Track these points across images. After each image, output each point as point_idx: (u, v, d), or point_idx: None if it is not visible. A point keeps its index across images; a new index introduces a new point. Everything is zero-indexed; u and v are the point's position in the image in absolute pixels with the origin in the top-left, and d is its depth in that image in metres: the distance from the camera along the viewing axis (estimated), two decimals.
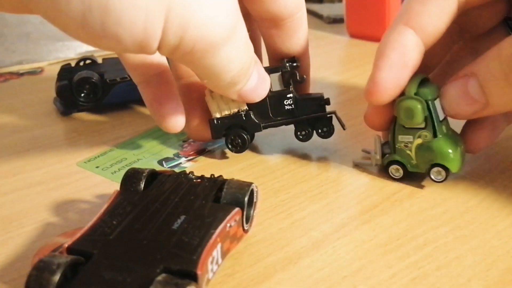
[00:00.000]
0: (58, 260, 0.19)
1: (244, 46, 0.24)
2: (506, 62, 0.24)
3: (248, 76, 0.27)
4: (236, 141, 0.32)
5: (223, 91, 0.27)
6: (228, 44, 0.23)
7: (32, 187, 0.30)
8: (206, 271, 0.20)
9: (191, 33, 0.21)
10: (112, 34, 0.19)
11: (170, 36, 0.20)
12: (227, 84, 0.26)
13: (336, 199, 0.28)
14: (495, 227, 0.26)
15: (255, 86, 0.28)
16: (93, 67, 0.42)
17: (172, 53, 0.22)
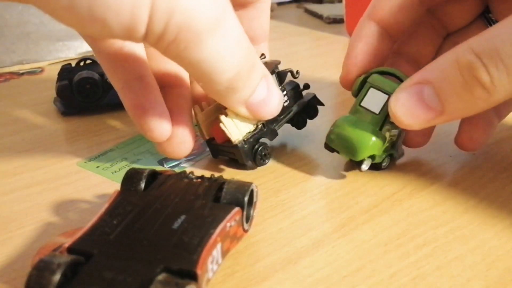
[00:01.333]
0: (58, 260, 0.19)
1: (238, 44, 0.24)
2: (465, 69, 0.23)
3: (250, 83, 0.25)
4: (263, 153, 0.31)
5: (223, 98, 0.26)
6: (214, 36, 0.22)
7: (32, 187, 0.30)
8: (206, 271, 0.20)
9: (176, 19, 0.21)
10: (99, 18, 0.19)
11: (155, 21, 0.20)
12: (225, 89, 0.24)
13: (336, 199, 0.28)
14: (495, 227, 0.26)
15: (263, 99, 0.27)
16: (93, 67, 0.42)
17: (157, 41, 0.21)
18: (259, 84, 0.26)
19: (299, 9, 0.82)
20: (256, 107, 0.27)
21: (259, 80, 0.26)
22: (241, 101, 0.26)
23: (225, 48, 0.23)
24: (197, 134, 0.32)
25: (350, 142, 0.29)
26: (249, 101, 0.26)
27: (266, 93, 0.27)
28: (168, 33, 0.21)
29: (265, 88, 0.26)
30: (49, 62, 0.55)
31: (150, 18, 0.20)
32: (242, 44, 0.24)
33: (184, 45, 0.22)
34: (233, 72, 0.24)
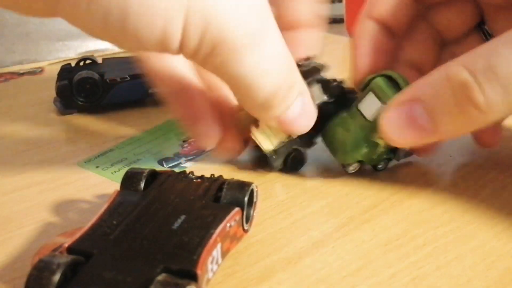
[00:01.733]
0: (58, 260, 0.19)
1: (279, 61, 0.23)
2: (458, 88, 0.22)
3: (287, 102, 0.25)
4: (296, 159, 0.30)
5: (257, 113, 0.25)
6: (254, 51, 0.21)
7: (32, 186, 0.30)
8: (206, 271, 0.20)
9: (211, 33, 0.20)
10: (132, 34, 0.20)
11: (190, 36, 0.20)
12: (260, 105, 0.24)
13: (336, 199, 0.28)
14: (495, 228, 0.26)
15: (296, 117, 0.26)
16: (93, 67, 0.42)
17: (194, 55, 0.21)
18: (294, 101, 0.25)
19: None
20: (288, 124, 0.26)
21: (295, 97, 0.25)
22: (274, 117, 0.25)
23: (264, 65, 0.22)
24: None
25: (337, 144, 0.29)
26: (281, 117, 0.25)
27: (300, 111, 0.26)
28: (204, 47, 0.20)
29: (300, 106, 0.26)
30: (49, 62, 0.55)
31: (184, 34, 0.20)
32: (283, 61, 0.23)
33: (221, 60, 0.21)
34: (271, 89, 0.23)
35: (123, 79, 0.40)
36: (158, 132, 0.37)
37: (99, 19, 0.19)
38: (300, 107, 0.26)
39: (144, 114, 0.40)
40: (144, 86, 0.41)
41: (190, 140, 0.36)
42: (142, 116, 0.40)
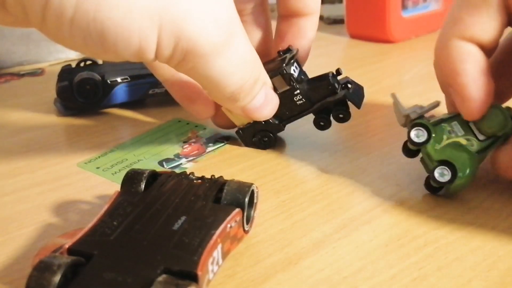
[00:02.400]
0: (58, 261, 0.19)
1: (243, 63, 0.26)
2: None
3: (251, 95, 0.28)
4: (263, 140, 0.34)
5: (225, 104, 0.29)
6: (220, 57, 0.24)
7: (32, 188, 0.30)
8: (207, 272, 0.20)
9: (182, 44, 0.23)
10: (111, 50, 0.22)
11: (163, 48, 0.23)
12: (227, 99, 0.27)
13: (336, 199, 0.28)
14: (496, 228, 0.26)
15: (260, 106, 0.29)
16: (93, 68, 0.42)
17: (167, 62, 0.24)
18: (259, 92, 0.28)
19: None
20: (252, 112, 0.29)
21: (259, 90, 0.28)
22: (240, 107, 0.28)
23: (230, 67, 0.25)
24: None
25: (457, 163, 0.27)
26: (246, 107, 0.29)
27: (263, 101, 0.29)
28: (176, 56, 0.23)
29: (263, 96, 0.29)
30: (50, 63, 0.55)
31: (158, 46, 0.23)
32: (247, 62, 0.26)
33: (192, 65, 0.24)
34: (236, 86, 0.26)
35: (124, 80, 0.40)
36: (158, 133, 0.37)
37: (80, 40, 0.22)
38: (263, 97, 0.29)
39: (145, 115, 0.40)
40: (145, 87, 0.41)
41: (191, 141, 0.36)
42: (142, 117, 0.40)
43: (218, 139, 0.36)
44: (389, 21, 0.59)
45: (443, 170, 0.27)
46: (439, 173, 0.27)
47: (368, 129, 0.37)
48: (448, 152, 0.27)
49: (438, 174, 0.27)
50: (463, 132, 0.28)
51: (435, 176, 0.27)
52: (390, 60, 0.55)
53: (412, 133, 0.28)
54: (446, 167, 0.27)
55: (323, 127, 0.34)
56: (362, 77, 0.48)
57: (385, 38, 0.60)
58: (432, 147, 0.27)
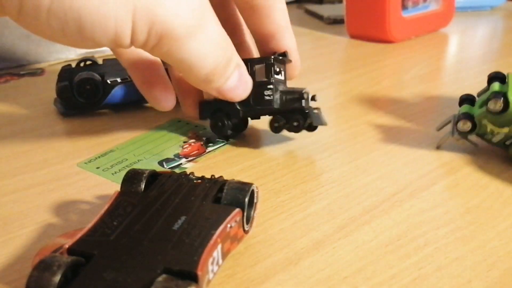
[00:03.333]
0: (58, 260, 0.19)
1: (216, 45, 0.26)
2: None
3: (225, 76, 0.28)
4: (218, 123, 0.35)
5: (199, 86, 0.29)
6: (193, 39, 0.25)
7: (32, 187, 0.30)
8: (207, 272, 0.20)
9: (156, 29, 0.23)
10: (89, 38, 0.23)
11: (138, 34, 0.23)
12: (202, 81, 0.28)
13: (336, 199, 0.28)
14: (496, 228, 0.26)
15: (233, 87, 0.29)
16: (93, 68, 0.42)
17: (143, 46, 0.24)
18: (232, 74, 0.29)
19: (300, 10, 0.82)
20: (226, 92, 0.29)
21: (232, 71, 0.29)
22: (215, 89, 0.29)
23: (203, 49, 0.26)
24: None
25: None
26: (220, 88, 0.29)
27: (237, 82, 0.29)
28: (151, 40, 0.24)
29: (237, 77, 0.29)
30: (50, 63, 0.55)
31: (133, 32, 0.23)
32: (220, 44, 0.27)
33: (166, 49, 0.25)
34: (210, 68, 0.27)
35: (124, 80, 0.40)
36: (158, 133, 0.37)
37: (58, 30, 0.22)
38: (236, 78, 0.29)
39: (145, 115, 0.40)
40: None
41: (191, 141, 0.36)
42: (142, 117, 0.40)
43: (218, 139, 0.36)
44: (389, 21, 0.59)
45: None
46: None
47: (368, 129, 0.37)
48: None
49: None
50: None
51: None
52: (390, 60, 0.55)
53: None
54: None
55: (276, 131, 0.34)
56: (362, 77, 0.48)
57: (385, 38, 0.60)
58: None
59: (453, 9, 0.66)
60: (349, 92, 0.45)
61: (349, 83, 0.48)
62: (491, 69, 0.36)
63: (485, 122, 0.31)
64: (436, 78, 0.49)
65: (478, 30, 0.70)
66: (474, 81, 0.47)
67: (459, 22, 0.69)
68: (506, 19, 0.75)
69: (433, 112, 0.40)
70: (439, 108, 0.41)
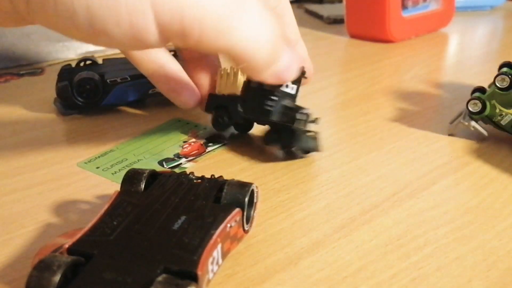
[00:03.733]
0: (58, 260, 0.19)
1: (263, 19, 0.23)
2: None
3: (281, 54, 0.26)
4: (218, 119, 0.35)
5: (261, 74, 0.26)
6: (240, 17, 0.22)
7: (32, 187, 0.30)
8: (207, 272, 0.20)
9: (189, 14, 0.20)
10: (102, 33, 0.20)
11: (167, 24, 0.20)
12: (264, 65, 0.25)
13: (336, 199, 0.28)
14: (496, 228, 0.26)
15: (288, 65, 0.26)
16: (93, 67, 0.42)
17: (184, 40, 0.21)
18: (285, 51, 0.26)
19: (300, 10, 0.82)
20: (281, 74, 0.26)
21: (284, 48, 0.26)
22: (273, 72, 0.26)
23: (255, 25, 0.23)
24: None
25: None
26: (277, 70, 0.26)
27: (290, 58, 0.26)
28: (189, 30, 0.21)
29: (289, 52, 0.26)
30: (49, 63, 0.55)
31: (159, 23, 0.20)
32: (269, 17, 0.24)
33: (214, 35, 0.21)
34: (270, 47, 0.24)
35: (124, 80, 0.40)
36: (158, 132, 0.37)
37: (68, 20, 0.20)
38: (289, 56, 0.26)
39: (144, 115, 0.40)
40: (145, 87, 0.41)
41: (191, 141, 0.36)
42: (142, 117, 0.40)
43: (218, 139, 0.36)
44: (389, 21, 0.59)
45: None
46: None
47: (368, 129, 0.37)
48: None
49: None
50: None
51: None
52: (390, 60, 0.55)
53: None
54: None
55: (268, 143, 0.33)
56: (362, 77, 0.48)
57: (385, 38, 0.60)
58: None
59: (453, 9, 0.66)
60: (349, 92, 0.45)
61: (349, 83, 0.48)
62: (491, 69, 0.36)
63: (494, 103, 0.33)
64: (436, 78, 0.49)
65: (478, 30, 0.70)
66: (474, 81, 0.47)
67: (459, 22, 0.69)
68: (506, 19, 0.75)
69: (433, 112, 0.40)
70: (439, 108, 0.41)
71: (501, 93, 0.33)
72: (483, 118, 0.34)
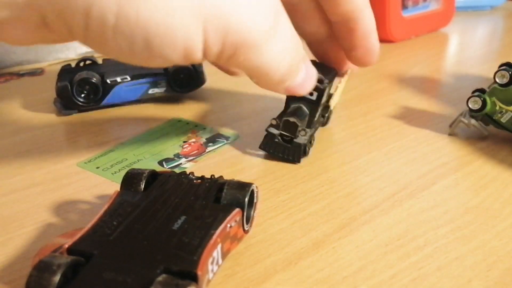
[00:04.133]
0: (58, 260, 0.19)
1: (290, 44, 0.25)
2: None
3: (297, 73, 0.27)
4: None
5: (271, 88, 0.28)
6: (271, 43, 0.24)
7: (32, 187, 0.30)
8: (207, 272, 0.20)
9: (231, 38, 0.22)
10: (158, 57, 0.22)
11: (212, 45, 0.22)
12: (276, 82, 0.26)
13: (336, 199, 0.28)
14: (496, 228, 0.26)
15: (302, 82, 0.28)
16: (93, 67, 0.42)
17: (217, 59, 0.23)
18: (301, 69, 0.28)
19: None
20: (295, 89, 0.28)
21: (302, 66, 0.27)
22: (285, 87, 0.27)
23: (281, 51, 0.25)
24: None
25: None
26: (290, 86, 0.27)
27: (305, 76, 0.28)
28: (226, 51, 0.23)
29: (305, 71, 0.28)
30: (49, 63, 0.55)
31: (206, 44, 0.22)
32: (293, 41, 0.26)
33: (243, 57, 0.23)
34: (285, 69, 0.26)
35: (124, 80, 0.40)
36: (158, 133, 0.37)
37: (126, 47, 0.21)
38: (305, 73, 0.28)
39: (144, 115, 0.40)
40: (144, 87, 0.41)
41: (191, 141, 0.36)
42: (142, 117, 0.40)
43: (218, 139, 0.36)
44: (389, 21, 0.59)
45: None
46: None
47: (368, 129, 0.37)
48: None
49: None
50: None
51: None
52: (390, 60, 0.55)
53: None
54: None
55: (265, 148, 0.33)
56: (362, 77, 0.48)
57: (385, 38, 0.60)
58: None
59: (453, 9, 0.66)
60: (349, 92, 0.45)
61: (349, 83, 0.47)
62: (491, 69, 0.36)
63: (494, 100, 0.33)
64: (436, 78, 0.49)
65: (478, 30, 0.70)
66: (474, 81, 0.47)
67: (459, 22, 0.69)
68: (506, 19, 0.75)
69: (433, 112, 0.40)
70: (438, 108, 0.41)
71: (501, 89, 0.33)
72: (483, 118, 0.34)
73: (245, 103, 0.42)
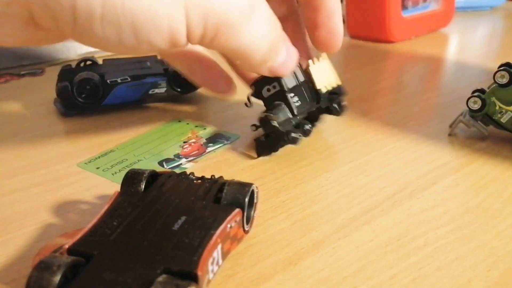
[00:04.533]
0: (58, 261, 0.19)
1: (268, 23, 0.26)
2: None
3: (278, 52, 0.28)
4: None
5: (255, 69, 0.29)
6: (249, 23, 0.24)
7: (32, 187, 0.30)
8: (207, 272, 0.20)
9: (211, 20, 0.23)
10: (145, 43, 0.22)
11: (194, 29, 0.23)
12: (258, 63, 0.27)
13: (336, 199, 0.28)
14: (496, 228, 0.26)
15: (284, 61, 0.29)
16: (93, 68, 0.42)
17: (200, 41, 0.24)
18: (282, 49, 0.29)
19: None
20: (278, 69, 0.29)
21: (282, 46, 0.29)
22: (268, 68, 0.29)
23: (260, 30, 0.25)
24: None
25: None
26: (273, 66, 0.29)
27: (285, 57, 0.29)
28: (208, 33, 0.23)
29: (285, 52, 0.29)
30: (50, 63, 0.55)
31: (188, 27, 0.23)
32: (272, 22, 0.26)
33: (225, 38, 0.24)
34: (267, 47, 0.27)
35: (124, 80, 0.40)
36: (158, 133, 0.37)
37: (114, 36, 0.22)
38: (285, 53, 0.29)
39: (145, 115, 0.40)
40: (145, 87, 0.41)
41: (191, 141, 0.36)
42: (142, 117, 0.40)
43: (218, 139, 0.36)
44: (389, 21, 0.59)
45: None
46: None
47: (368, 129, 0.37)
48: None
49: None
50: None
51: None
52: (390, 60, 0.55)
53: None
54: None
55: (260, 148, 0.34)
56: (362, 77, 0.48)
57: (385, 38, 0.60)
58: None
59: (453, 9, 0.66)
60: (349, 92, 0.45)
61: (349, 83, 0.48)
62: (491, 69, 0.36)
63: (494, 100, 0.33)
64: (436, 78, 0.49)
65: (478, 30, 0.70)
66: (474, 81, 0.47)
67: (459, 22, 0.69)
68: (506, 19, 0.75)
69: (433, 112, 0.40)
70: (438, 108, 0.41)
71: (501, 89, 0.33)
72: (483, 118, 0.34)
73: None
